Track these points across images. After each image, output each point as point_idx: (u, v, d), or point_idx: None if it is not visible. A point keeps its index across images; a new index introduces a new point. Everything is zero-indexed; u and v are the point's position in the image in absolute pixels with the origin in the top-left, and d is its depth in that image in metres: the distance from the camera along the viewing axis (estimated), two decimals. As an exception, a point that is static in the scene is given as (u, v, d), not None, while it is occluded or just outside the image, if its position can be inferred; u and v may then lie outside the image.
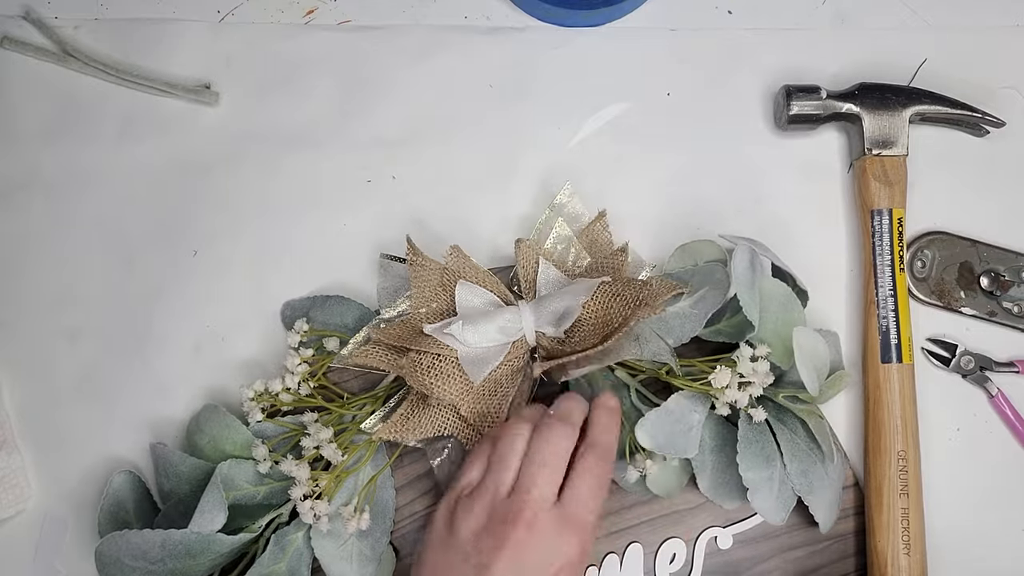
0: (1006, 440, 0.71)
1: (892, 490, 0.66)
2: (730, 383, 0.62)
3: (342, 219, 0.73)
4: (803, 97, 0.71)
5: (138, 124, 0.74)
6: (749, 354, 0.63)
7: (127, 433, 0.69)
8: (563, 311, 0.64)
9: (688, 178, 0.74)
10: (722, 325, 0.66)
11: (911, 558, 0.65)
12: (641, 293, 0.64)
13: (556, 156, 0.74)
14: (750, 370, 0.62)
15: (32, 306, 0.71)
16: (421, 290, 0.66)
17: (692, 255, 0.69)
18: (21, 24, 0.75)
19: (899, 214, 0.70)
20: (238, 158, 0.74)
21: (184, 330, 0.71)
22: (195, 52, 0.75)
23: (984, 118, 0.72)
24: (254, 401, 0.65)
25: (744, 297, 0.62)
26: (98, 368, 0.70)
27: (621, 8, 0.75)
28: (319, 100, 0.75)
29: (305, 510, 0.62)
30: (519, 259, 0.67)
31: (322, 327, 0.68)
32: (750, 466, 0.62)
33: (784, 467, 0.63)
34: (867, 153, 0.70)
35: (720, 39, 0.76)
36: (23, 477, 0.68)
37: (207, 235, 0.72)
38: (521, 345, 0.64)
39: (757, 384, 0.62)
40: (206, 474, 0.63)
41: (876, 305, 0.69)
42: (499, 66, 0.75)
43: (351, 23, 0.76)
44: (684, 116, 0.75)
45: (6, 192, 0.73)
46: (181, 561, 0.59)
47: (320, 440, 0.63)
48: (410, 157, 0.74)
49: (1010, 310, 0.71)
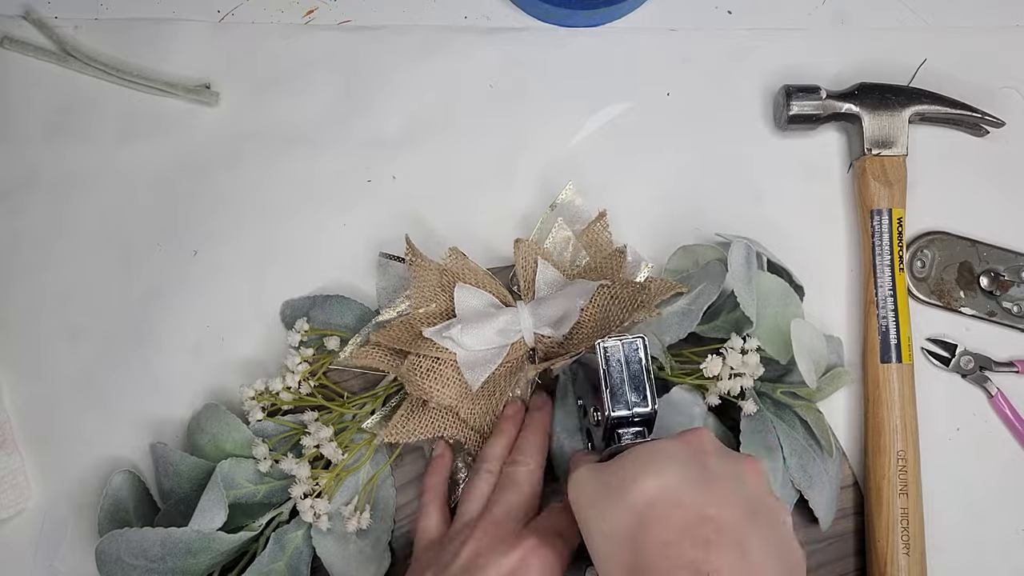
0: (1006, 440, 0.71)
1: (892, 490, 0.66)
2: (720, 373, 0.62)
3: (342, 219, 0.73)
4: (803, 97, 0.71)
5: (138, 124, 0.74)
6: (739, 346, 0.63)
7: (127, 433, 0.69)
8: (562, 314, 0.64)
9: (688, 178, 0.74)
10: (720, 321, 0.66)
11: (911, 558, 0.65)
12: (639, 295, 0.64)
13: (556, 156, 0.74)
14: (739, 362, 0.62)
15: (32, 306, 0.71)
16: (420, 291, 0.66)
17: (693, 256, 0.69)
18: (21, 24, 0.75)
19: (899, 214, 0.70)
20: (238, 158, 0.74)
21: (184, 330, 0.71)
22: (195, 52, 0.75)
23: (984, 118, 0.72)
24: (254, 400, 0.65)
25: (741, 292, 0.62)
26: (98, 368, 0.70)
27: (621, 8, 0.75)
28: (319, 100, 0.75)
29: (305, 509, 0.62)
30: (518, 259, 0.67)
31: (322, 326, 0.68)
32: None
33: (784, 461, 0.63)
34: (867, 153, 0.71)
35: (720, 39, 0.76)
36: (23, 477, 0.68)
37: (207, 235, 0.72)
38: (520, 347, 0.64)
39: (748, 376, 0.62)
40: (206, 473, 0.63)
41: (876, 305, 0.69)
42: (499, 66, 0.75)
43: (351, 23, 0.76)
44: (684, 116, 0.75)
45: (6, 192, 0.73)
46: (181, 559, 0.59)
47: (320, 439, 0.63)
48: (410, 157, 0.74)
49: (1010, 310, 0.71)
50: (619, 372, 0.55)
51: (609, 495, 0.49)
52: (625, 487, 0.49)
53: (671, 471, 0.49)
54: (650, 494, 0.48)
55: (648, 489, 0.48)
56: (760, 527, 0.48)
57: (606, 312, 0.64)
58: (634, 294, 0.64)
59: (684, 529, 0.47)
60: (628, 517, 0.48)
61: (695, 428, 0.53)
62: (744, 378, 0.62)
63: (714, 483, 0.49)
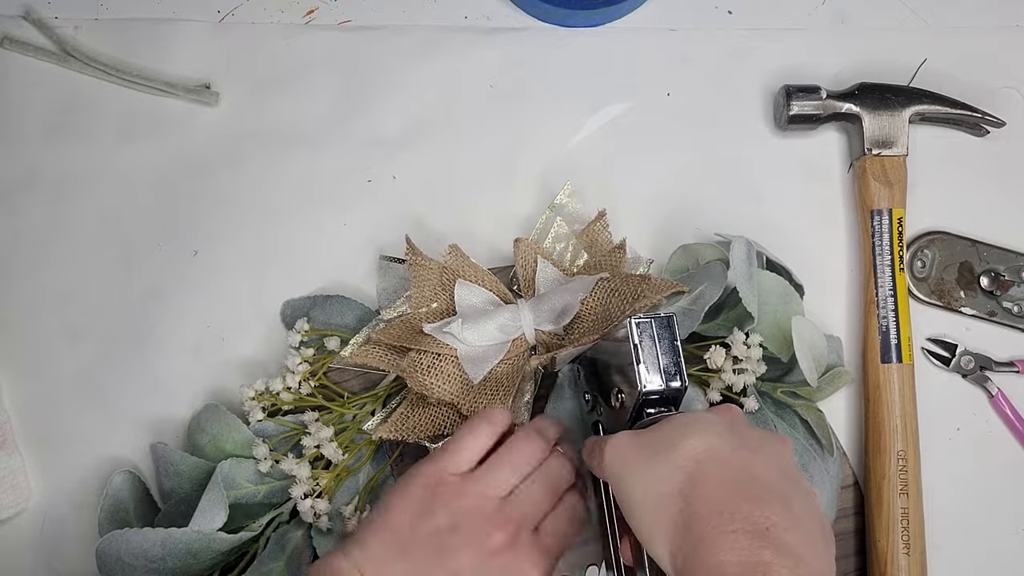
0: (1006, 440, 0.71)
1: (892, 490, 0.66)
2: (724, 365, 0.62)
3: (342, 219, 0.73)
4: (803, 97, 0.71)
5: (138, 124, 0.74)
6: (742, 338, 0.63)
7: (127, 433, 0.69)
8: (562, 308, 0.64)
9: (688, 178, 0.74)
10: (721, 320, 0.66)
11: (911, 558, 0.65)
12: (639, 288, 0.64)
13: (556, 156, 0.74)
14: (744, 352, 0.62)
15: (32, 306, 0.71)
16: (421, 289, 0.66)
17: (693, 255, 0.69)
18: (21, 24, 0.75)
19: (899, 214, 0.70)
20: (238, 158, 0.74)
21: (184, 330, 0.71)
22: (195, 52, 0.75)
23: (984, 118, 0.72)
24: (255, 400, 0.65)
25: (743, 289, 0.63)
26: (98, 368, 0.70)
27: (621, 8, 0.75)
28: (319, 100, 0.75)
29: (305, 509, 0.62)
30: (518, 258, 0.67)
31: (323, 326, 0.68)
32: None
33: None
34: (867, 153, 0.71)
35: (720, 39, 0.76)
36: (23, 477, 0.68)
37: (207, 235, 0.72)
38: (521, 343, 0.64)
39: (750, 370, 0.63)
40: (207, 473, 0.63)
41: (876, 305, 0.69)
42: (499, 66, 0.75)
43: (351, 23, 0.76)
44: (684, 116, 0.75)
45: (6, 192, 0.73)
46: (182, 560, 0.59)
47: (321, 439, 0.63)
48: (410, 157, 0.74)
49: (1010, 310, 0.71)
50: (651, 347, 0.55)
51: (655, 455, 0.50)
52: (672, 447, 0.50)
53: (714, 434, 0.50)
54: (698, 452, 0.49)
55: (696, 448, 0.49)
56: (798, 492, 0.50)
57: (606, 306, 0.64)
58: (634, 287, 0.64)
59: (735, 485, 0.48)
60: (678, 474, 0.49)
61: (726, 404, 0.55)
62: (747, 374, 0.62)
63: (755, 450, 0.50)
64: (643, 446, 0.51)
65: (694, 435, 0.50)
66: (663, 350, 0.55)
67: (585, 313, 0.64)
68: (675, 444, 0.50)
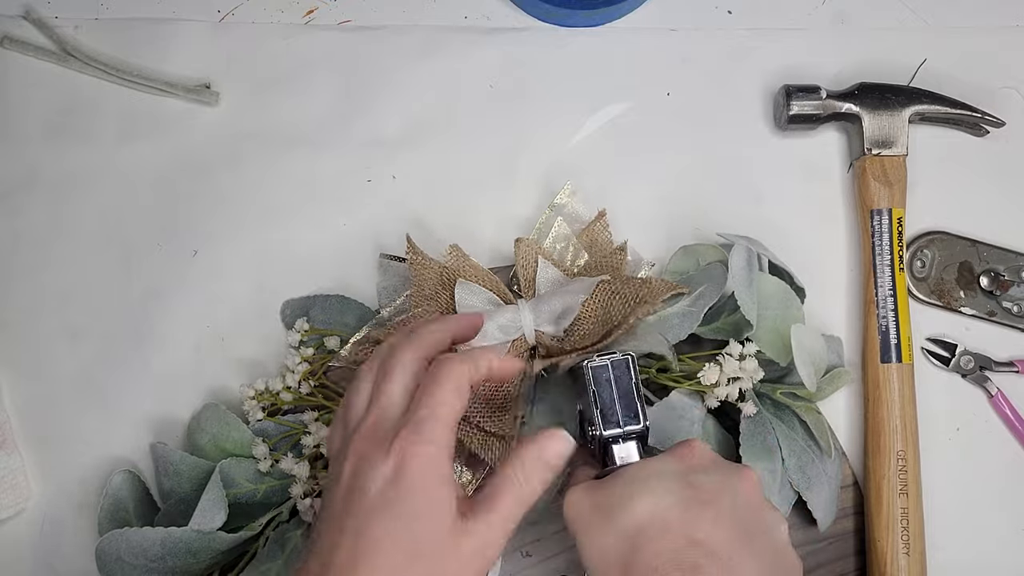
0: (1006, 440, 0.71)
1: (892, 490, 0.66)
2: (719, 380, 0.62)
3: (342, 219, 0.73)
4: (803, 97, 0.71)
5: (138, 124, 0.74)
6: (737, 352, 0.63)
7: (127, 433, 0.69)
8: (562, 310, 0.64)
9: (688, 178, 0.74)
10: (720, 323, 0.66)
11: (911, 558, 0.65)
12: (640, 291, 0.64)
13: (556, 156, 0.74)
14: (736, 369, 0.62)
15: (32, 306, 0.71)
16: (421, 289, 0.66)
17: (694, 256, 0.69)
18: (21, 24, 0.75)
19: (899, 214, 0.70)
20: (238, 158, 0.74)
21: (184, 330, 0.71)
22: (195, 52, 0.75)
23: (984, 118, 0.72)
24: (255, 400, 0.65)
25: (742, 296, 0.63)
26: (98, 368, 0.70)
27: (621, 8, 0.75)
28: (319, 100, 0.75)
29: (305, 508, 0.62)
30: (518, 258, 0.67)
31: (323, 326, 0.68)
32: (752, 458, 0.62)
33: (783, 462, 0.63)
34: (867, 153, 0.71)
35: (720, 39, 0.76)
36: (23, 477, 0.68)
37: (207, 235, 0.72)
38: (521, 344, 0.64)
39: (746, 379, 0.63)
40: (206, 473, 0.63)
41: (876, 305, 0.69)
42: (499, 66, 0.75)
43: (351, 23, 0.76)
44: (684, 116, 0.75)
45: (6, 192, 0.73)
46: (181, 559, 0.59)
47: (320, 438, 0.63)
48: (410, 157, 0.74)
49: (1010, 310, 0.71)
50: (608, 391, 0.55)
51: (605, 518, 0.50)
52: (617, 511, 0.50)
53: (662, 493, 0.50)
54: (640, 519, 0.49)
55: (638, 514, 0.49)
56: (754, 542, 0.49)
57: (607, 308, 0.64)
58: (635, 290, 0.64)
59: (673, 555, 0.48)
60: (619, 542, 0.49)
61: (688, 441, 0.54)
62: (742, 382, 0.62)
63: (706, 503, 0.50)
64: (595, 506, 0.51)
65: (641, 497, 0.50)
66: (620, 393, 0.55)
67: (585, 315, 0.64)
68: (623, 507, 0.50)
